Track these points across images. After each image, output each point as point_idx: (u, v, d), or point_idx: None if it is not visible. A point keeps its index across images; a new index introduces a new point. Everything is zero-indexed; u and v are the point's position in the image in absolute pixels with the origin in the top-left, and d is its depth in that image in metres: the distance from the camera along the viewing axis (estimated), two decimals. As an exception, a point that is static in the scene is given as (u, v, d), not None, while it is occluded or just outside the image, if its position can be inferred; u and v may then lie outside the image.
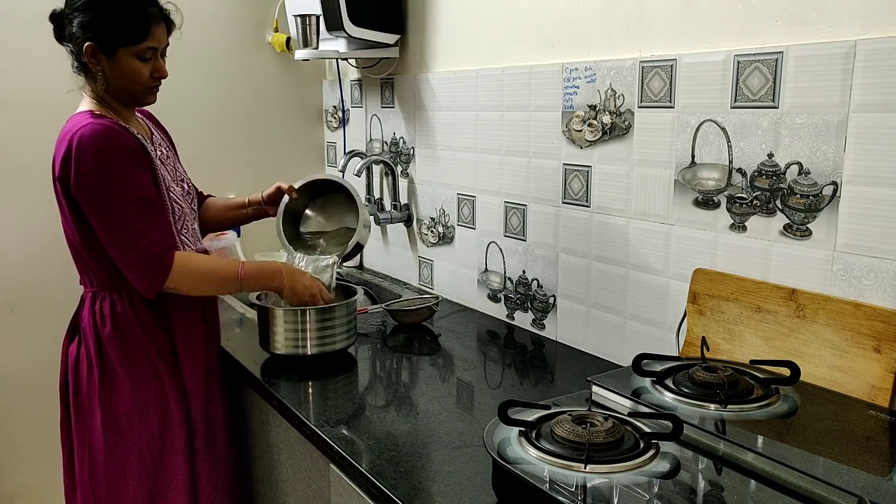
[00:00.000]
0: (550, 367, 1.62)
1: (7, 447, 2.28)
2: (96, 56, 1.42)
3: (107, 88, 1.46)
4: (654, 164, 1.46)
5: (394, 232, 2.39)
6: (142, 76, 1.45)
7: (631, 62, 1.48)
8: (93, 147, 1.37)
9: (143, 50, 1.43)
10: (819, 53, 1.17)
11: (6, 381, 2.25)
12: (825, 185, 1.19)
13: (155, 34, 1.43)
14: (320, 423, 1.32)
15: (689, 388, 1.16)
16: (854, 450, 0.99)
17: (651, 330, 1.52)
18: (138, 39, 1.42)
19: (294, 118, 2.69)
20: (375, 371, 1.62)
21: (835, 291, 1.20)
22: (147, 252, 1.40)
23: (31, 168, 2.19)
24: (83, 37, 1.40)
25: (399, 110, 2.27)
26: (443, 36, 2.05)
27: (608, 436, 1.00)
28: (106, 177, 1.38)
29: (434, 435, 1.27)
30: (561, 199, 1.70)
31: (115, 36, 1.40)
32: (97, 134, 1.38)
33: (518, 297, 1.87)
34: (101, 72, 1.43)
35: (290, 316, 1.58)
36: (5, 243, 2.20)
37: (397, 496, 1.07)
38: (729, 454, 1.02)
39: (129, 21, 1.40)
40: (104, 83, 1.45)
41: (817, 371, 1.20)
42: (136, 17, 1.41)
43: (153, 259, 1.41)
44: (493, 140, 1.89)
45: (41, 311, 2.26)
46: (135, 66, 1.44)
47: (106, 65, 1.43)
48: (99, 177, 1.38)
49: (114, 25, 1.40)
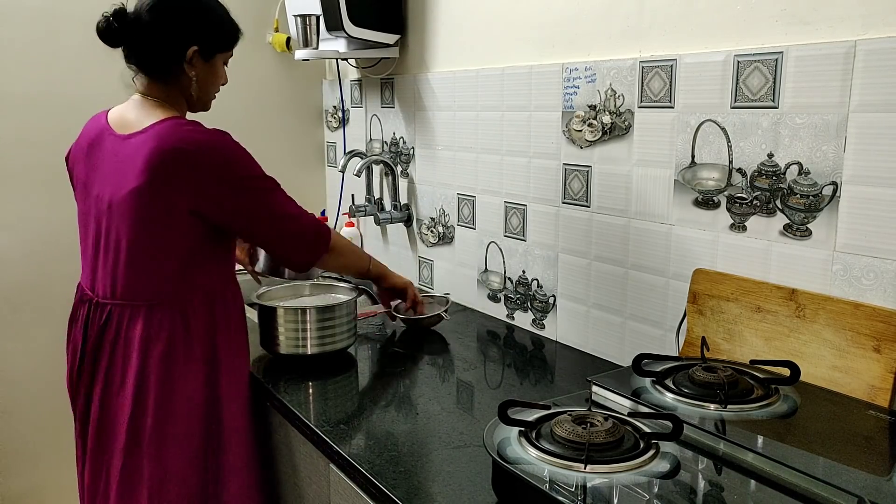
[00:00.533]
0: (550, 367, 1.63)
1: (7, 447, 2.28)
2: (193, 61, 1.44)
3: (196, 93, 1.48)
4: (654, 164, 1.46)
5: (394, 232, 2.39)
6: (221, 81, 1.53)
7: (631, 62, 1.48)
8: (230, 143, 1.40)
9: (229, 56, 1.53)
10: (819, 53, 1.17)
11: (6, 381, 2.25)
12: (825, 185, 1.19)
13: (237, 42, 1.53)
14: (320, 423, 1.32)
15: (689, 388, 1.16)
16: (854, 450, 0.99)
17: (651, 330, 1.52)
18: (232, 45, 1.51)
19: (294, 118, 2.69)
20: (375, 371, 1.62)
21: (835, 291, 1.20)
22: (313, 221, 1.49)
23: (31, 168, 2.20)
24: (182, 40, 1.41)
25: (399, 110, 2.27)
26: (443, 36, 2.05)
27: (608, 436, 1.00)
28: (248, 176, 1.41)
29: (434, 435, 1.27)
30: (561, 199, 1.70)
31: (218, 41, 1.47)
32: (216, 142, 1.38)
33: (518, 297, 1.87)
34: (194, 76, 1.45)
35: (291, 315, 1.58)
36: (5, 243, 2.20)
37: (397, 496, 1.07)
38: (729, 454, 1.03)
39: (228, 27, 1.49)
40: (196, 88, 1.47)
41: (817, 371, 1.20)
42: (232, 24, 1.50)
43: (318, 228, 1.50)
44: (493, 140, 1.89)
45: (41, 311, 2.26)
46: (222, 71, 1.52)
47: (200, 69, 1.46)
48: (252, 167, 1.42)
49: (217, 31, 1.47)
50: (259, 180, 1.43)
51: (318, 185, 2.78)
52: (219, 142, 1.38)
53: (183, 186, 1.34)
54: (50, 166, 2.18)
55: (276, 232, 1.46)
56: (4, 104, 2.15)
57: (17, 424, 2.28)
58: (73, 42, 2.19)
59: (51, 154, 2.19)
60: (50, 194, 2.21)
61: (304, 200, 2.72)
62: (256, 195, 1.42)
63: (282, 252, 1.50)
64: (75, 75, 2.21)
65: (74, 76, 2.21)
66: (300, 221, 1.48)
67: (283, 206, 1.46)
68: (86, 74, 2.21)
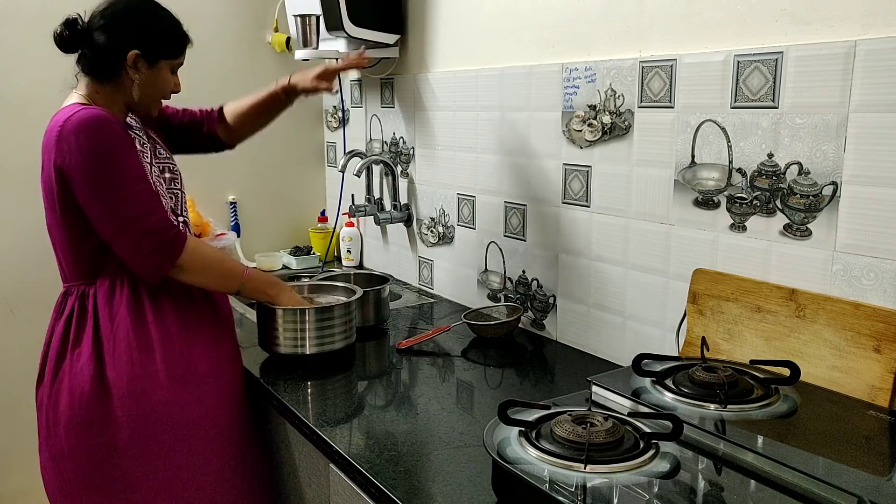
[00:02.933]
0: (550, 367, 1.62)
1: (7, 447, 2.28)
2: (137, 65, 1.45)
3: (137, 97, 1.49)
4: (654, 164, 1.46)
5: (394, 232, 2.39)
6: (168, 87, 1.53)
7: (631, 62, 1.48)
8: (91, 129, 1.37)
9: (177, 64, 1.53)
10: (819, 53, 1.17)
11: (6, 380, 2.25)
12: (825, 185, 1.19)
13: (185, 51, 1.54)
14: (320, 423, 1.32)
15: (689, 388, 1.16)
16: (854, 450, 0.99)
17: (651, 330, 1.52)
18: (179, 53, 1.52)
19: (294, 118, 2.68)
20: (375, 371, 1.61)
21: (835, 291, 1.20)
22: (159, 226, 1.40)
23: (29, 168, 2.18)
24: (125, 45, 1.44)
25: (399, 110, 2.27)
26: (443, 36, 2.05)
27: (608, 436, 1.00)
28: (108, 156, 1.38)
29: (434, 435, 1.27)
30: (561, 199, 1.70)
31: (162, 48, 1.48)
32: (93, 117, 1.38)
33: (518, 297, 1.87)
34: (137, 80, 1.47)
35: (290, 315, 1.58)
36: (5, 243, 2.20)
37: (397, 496, 1.07)
38: (729, 454, 1.02)
39: (174, 35, 1.50)
40: (138, 92, 1.48)
41: (817, 371, 1.20)
42: (178, 33, 1.51)
43: (166, 233, 1.40)
44: (493, 140, 1.89)
45: (41, 311, 2.25)
46: (168, 77, 1.52)
47: (144, 74, 1.47)
48: (100, 157, 1.38)
49: (162, 38, 1.48)
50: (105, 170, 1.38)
51: (318, 185, 2.78)
52: (81, 124, 1.37)
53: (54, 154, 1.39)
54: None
55: (119, 232, 1.39)
56: (2, 104, 2.15)
57: (17, 424, 2.28)
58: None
59: (51, 154, 2.19)
60: (50, 194, 2.21)
61: (305, 200, 2.75)
62: (98, 187, 1.38)
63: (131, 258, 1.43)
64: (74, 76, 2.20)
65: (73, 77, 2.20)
66: (148, 220, 1.40)
67: (130, 201, 1.39)
68: (86, 74, 2.21)
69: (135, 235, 1.38)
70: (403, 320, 1.97)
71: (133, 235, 1.38)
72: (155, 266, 1.41)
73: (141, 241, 1.39)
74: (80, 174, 1.37)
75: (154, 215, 1.40)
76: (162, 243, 1.40)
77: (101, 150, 1.38)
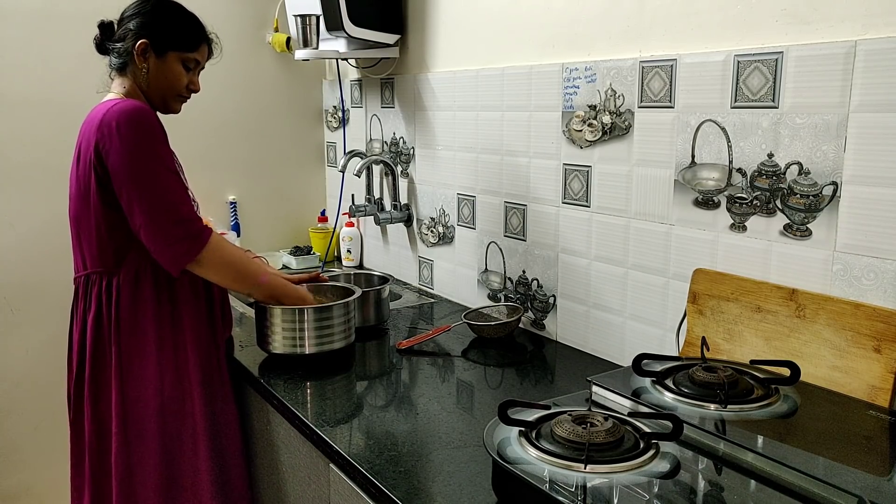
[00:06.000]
0: (550, 367, 1.62)
1: (7, 447, 2.28)
2: (146, 53, 1.49)
3: (147, 86, 1.52)
4: (654, 164, 1.46)
5: (394, 232, 2.39)
6: (180, 82, 1.55)
7: (631, 62, 1.48)
8: (132, 117, 1.41)
9: (190, 59, 1.55)
10: (819, 53, 1.17)
11: (6, 380, 2.25)
12: (825, 185, 1.19)
13: (202, 49, 1.57)
14: (320, 423, 1.32)
15: (689, 388, 1.16)
16: (854, 450, 0.99)
17: (651, 330, 1.52)
18: (190, 48, 1.54)
19: (294, 118, 2.69)
20: (375, 370, 1.61)
21: (835, 291, 1.20)
22: (188, 216, 1.44)
23: (30, 167, 2.19)
24: (139, 34, 1.49)
25: (399, 110, 2.27)
26: (443, 36, 2.05)
27: (608, 436, 1.00)
28: (147, 144, 1.42)
29: (434, 435, 1.27)
30: (561, 199, 1.70)
31: (171, 38, 1.51)
32: (134, 108, 1.42)
33: (518, 297, 1.87)
34: (145, 69, 1.50)
35: (289, 315, 1.58)
36: (5, 243, 2.20)
37: (397, 496, 1.07)
38: (729, 454, 1.02)
39: (186, 28, 1.53)
40: (146, 81, 1.51)
41: (817, 371, 1.20)
42: (192, 28, 1.54)
43: (194, 225, 1.44)
44: (493, 140, 1.89)
45: (41, 311, 2.26)
46: (178, 70, 1.54)
47: (153, 63, 1.51)
48: (140, 144, 1.41)
49: (172, 28, 1.52)
50: (144, 159, 1.41)
51: (318, 185, 2.78)
52: (122, 115, 1.41)
53: (94, 139, 1.42)
54: (49, 166, 2.18)
55: (150, 220, 1.43)
56: (4, 103, 2.15)
57: (17, 424, 2.28)
58: (71, 42, 2.19)
59: (50, 153, 2.20)
60: (49, 194, 2.21)
61: (305, 200, 2.75)
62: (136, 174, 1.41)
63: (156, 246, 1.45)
64: (73, 74, 2.20)
65: (73, 75, 2.21)
66: (179, 211, 1.44)
67: (165, 191, 1.43)
68: (84, 74, 2.20)
69: (165, 223, 1.42)
70: (403, 320, 1.97)
71: (163, 223, 1.42)
72: (180, 254, 1.44)
73: (169, 230, 1.42)
74: (118, 158, 1.40)
75: (185, 206, 1.45)
76: (188, 234, 1.44)
77: (141, 138, 1.41)
